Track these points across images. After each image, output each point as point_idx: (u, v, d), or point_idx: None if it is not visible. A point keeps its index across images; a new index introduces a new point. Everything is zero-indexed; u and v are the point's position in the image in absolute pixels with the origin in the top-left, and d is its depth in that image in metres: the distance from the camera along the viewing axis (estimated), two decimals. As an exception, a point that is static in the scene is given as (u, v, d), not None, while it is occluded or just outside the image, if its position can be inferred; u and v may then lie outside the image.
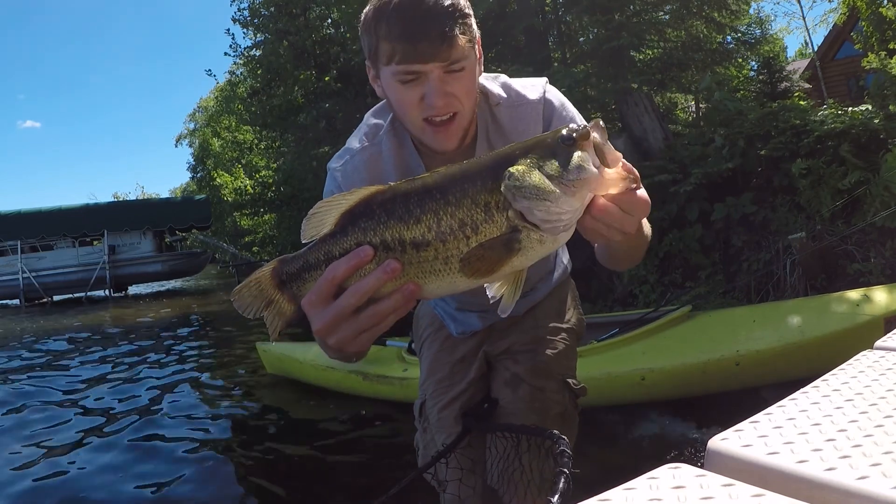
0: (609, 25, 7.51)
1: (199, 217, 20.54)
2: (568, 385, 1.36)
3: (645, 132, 6.71)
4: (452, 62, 1.00)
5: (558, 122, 1.17)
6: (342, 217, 0.73)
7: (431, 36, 0.98)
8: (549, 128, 1.15)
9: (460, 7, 1.02)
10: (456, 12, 1.00)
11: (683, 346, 3.31)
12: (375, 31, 1.02)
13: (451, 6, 1.00)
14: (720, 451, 0.68)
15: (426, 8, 0.98)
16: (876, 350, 0.95)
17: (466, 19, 1.03)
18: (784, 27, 20.47)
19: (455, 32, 0.99)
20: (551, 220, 0.68)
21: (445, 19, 0.99)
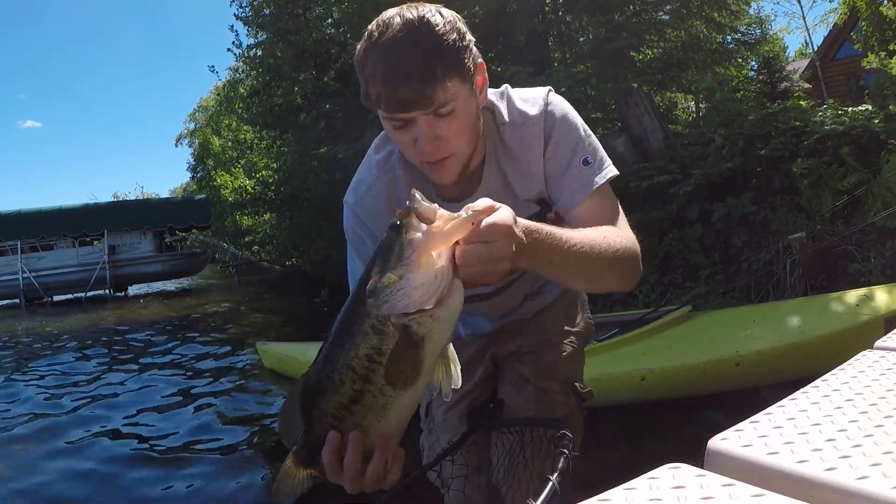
0: (609, 25, 7.51)
1: (199, 217, 20.53)
2: (574, 388, 1.35)
3: (645, 132, 6.71)
4: (439, 107, 0.97)
5: (559, 136, 1.13)
6: (302, 414, 0.82)
7: (412, 85, 0.93)
8: (549, 143, 1.13)
9: (448, 44, 0.95)
10: (442, 52, 0.94)
11: (683, 346, 3.31)
12: (363, 72, 0.98)
13: (437, 46, 0.94)
14: (720, 451, 0.68)
15: (408, 52, 0.93)
16: (876, 350, 0.95)
17: (455, 56, 0.97)
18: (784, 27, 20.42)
19: (439, 77, 0.94)
20: (418, 299, 0.71)
21: (429, 64, 0.94)
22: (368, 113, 10.26)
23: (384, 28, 0.96)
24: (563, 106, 1.16)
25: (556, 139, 1.13)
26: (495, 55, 9.18)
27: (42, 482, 3.33)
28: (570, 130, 1.14)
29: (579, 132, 1.14)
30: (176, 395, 5.12)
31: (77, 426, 4.34)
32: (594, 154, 1.14)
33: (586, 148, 1.14)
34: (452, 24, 0.98)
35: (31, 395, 5.50)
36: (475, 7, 8.14)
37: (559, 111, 1.15)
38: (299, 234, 13.75)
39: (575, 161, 1.12)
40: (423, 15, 0.96)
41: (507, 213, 0.79)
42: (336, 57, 11.00)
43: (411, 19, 0.95)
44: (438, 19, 0.96)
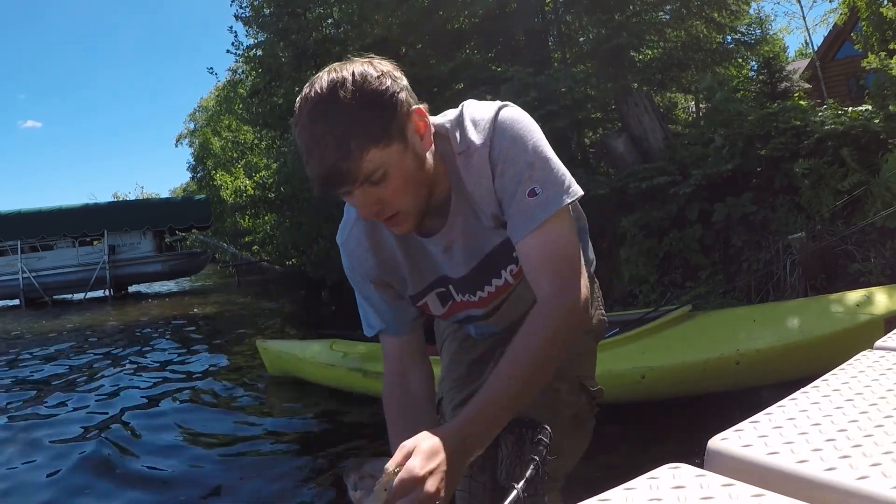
0: (609, 25, 7.52)
1: (199, 217, 20.54)
2: (583, 387, 1.32)
3: (645, 132, 6.71)
4: (367, 178, 0.94)
5: (503, 165, 1.03)
6: None
7: (331, 169, 0.92)
8: (496, 172, 1.04)
9: (361, 114, 0.92)
10: (354, 125, 0.92)
11: (683, 346, 3.31)
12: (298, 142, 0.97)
13: (349, 120, 0.91)
14: (720, 451, 0.68)
15: (320, 132, 0.92)
16: (876, 350, 0.95)
17: (371, 125, 0.93)
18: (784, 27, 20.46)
19: (355, 155, 0.92)
20: None
21: (343, 143, 0.91)
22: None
23: (303, 103, 0.95)
24: (511, 128, 1.05)
25: (502, 168, 1.04)
26: (495, 55, 9.19)
27: (41, 482, 3.33)
28: (515, 157, 1.03)
29: (526, 157, 1.03)
30: (176, 394, 5.12)
31: (76, 426, 4.34)
32: (544, 181, 1.03)
33: (533, 176, 1.02)
34: (367, 85, 0.93)
35: (31, 394, 5.50)
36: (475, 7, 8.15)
37: (506, 136, 1.04)
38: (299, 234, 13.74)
39: (520, 192, 1.02)
40: (335, 83, 0.93)
41: (416, 464, 0.80)
42: (337, 57, 10.98)
43: (321, 94, 0.93)
44: (350, 86, 0.92)
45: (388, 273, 1.18)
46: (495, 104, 1.09)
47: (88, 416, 4.63)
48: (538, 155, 1.04)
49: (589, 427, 1.35)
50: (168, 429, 4.16)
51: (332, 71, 0.96)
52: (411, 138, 0.99)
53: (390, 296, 1.21)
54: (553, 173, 1.05)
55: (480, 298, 1.23)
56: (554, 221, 1.03)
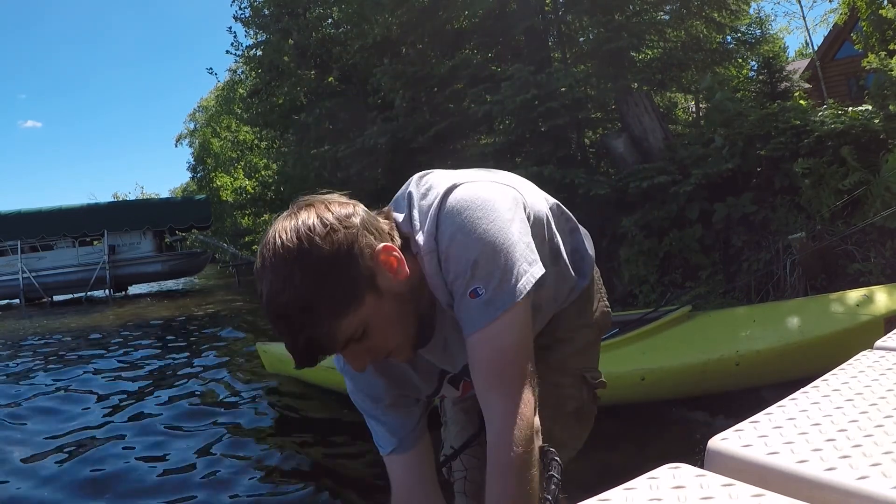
0: (609, 25, 7.52)
1: (199, 217, 20.55)
2: (585, 380, 1.32)
3: (645, 132, 6.71)
4: (346, 342, 0.92)
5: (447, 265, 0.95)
6: None
7: (301, 345, 0.91)
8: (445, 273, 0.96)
9: (325, 278, 0.87)
10: (321, 297, 0.87)
11: (683, 346, 3.31)
12: None
13: (311, 290, 0.87)
14: (720, 451, 0.68)
15: (285, 308, 0.88)
16: (876, 350, 0.95)
17: (339, 295, 0.88)
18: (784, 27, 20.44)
19: (328, 329, 0.89)
20: None
21: (312, 316, 0.88)
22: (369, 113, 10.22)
23: (261, 267, 0.89)
24: (454, 222, 0.94)
25: (446, 268, 0.96)
26: (495, 55, 9.19)
27: (40, 482, 3.33)
28: (458, 256, 0.94)
29: (468, 255, 0.93)
30: (176, 395, 5.12)
31: (74, 426, 4.34)
32: (488, 280, 0.92)
33: (477, 274, 0.92)
34: (319, 250, 0.87)
35: (31, 395, 5.50)
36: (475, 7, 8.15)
37: (447, 232, 0.94)
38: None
39: (462, 293, 0.94)
40: (288, 252, 0.87)
41: None
42: (337, 57, 11.02)
43: (276, 262, 0.87)
44: (303, 254, 0.87)
45: (402, 388, 1.16)
46: (442, 186, 0.98)
47: (88, 415, 4.63)
48: (484, 249, 0.92)
49: (590, 419, 1.35)
50: (167, 428, 4.16)
51: (282, 231, 0.89)
52: (383, 283, 0.93)
53: (401, 411, 1.17)
54: (500, 269, 0.93)
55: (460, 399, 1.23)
56: (500, 322, 0.94)
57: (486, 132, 8.76)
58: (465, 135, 8.93)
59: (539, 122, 6.92)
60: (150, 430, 4.15)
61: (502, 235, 0.94)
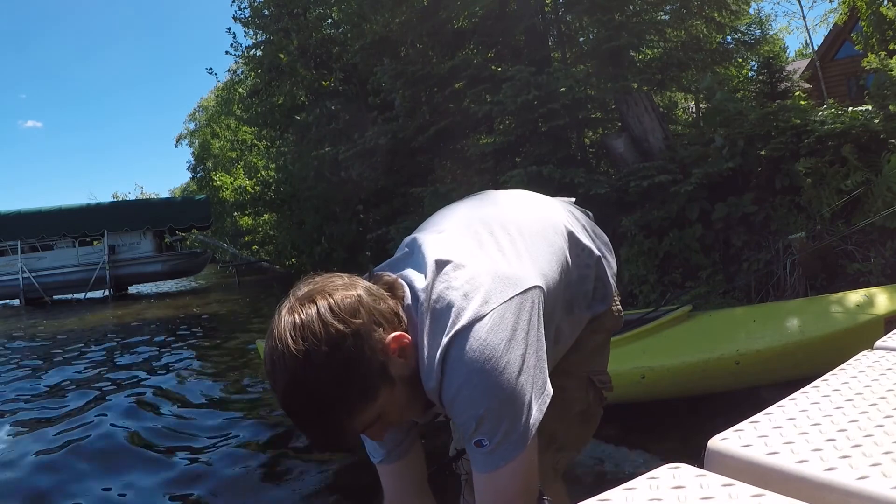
0: (609, 25, 7.51)
1: (199, 217, 20.54)
2: (592, 382, 1.32)
3: (645, 132, 6.71)
4: (364, 429, 0.94)
5: (452, 409, 0.95)
6: None
7: (324, 443, 0.95)
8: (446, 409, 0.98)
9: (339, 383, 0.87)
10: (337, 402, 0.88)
11: (683, 346, 3.31)
12: None
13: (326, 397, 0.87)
14: (720, 451, 0.68)
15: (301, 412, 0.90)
16: (876, 350, 0.95)
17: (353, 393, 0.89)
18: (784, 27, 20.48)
19: (346, 425, 0.90)
20: None
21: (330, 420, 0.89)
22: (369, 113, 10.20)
23: (271, 373, 0.90)
24: (460, 374, 0.91)
25: (450, 409, 0.96)
26: (495, 55, 9.18)
27: (40, 481, 3.33)
28: (462, 409, 0.93)
29: (474, 412, 0.91)
30: (176, 394, 5.12)
31: (75, 426, 4.33)
32: (493, 434, 0.92)
33: (481, 429, 0.92)
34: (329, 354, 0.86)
35: (31, 395, 5.50)
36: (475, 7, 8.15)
37: (453, 385, 0.92)
38: (299, 234, 13.76)
39: (468, 437, 0.95)
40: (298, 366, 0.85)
41: None
42: (337, 57, 11.02)
43: (286, 368, 0.86)
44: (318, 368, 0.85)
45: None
46: (454, 323, 0.93)
47: (87, 415, 4.63)
48: (491, 405, 0.90)
49: (595, 421, 1.35)
50: (166, 428, 4.16)
51: (288, 334, 0.87)
52: (395, 371, 0.93)
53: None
54: (506, 423, 0.91)
55: None
56: (504, 470, 0.94)
57: (486, 132, 8.76)
58: (465, 135, 8.93)
59: (539, 123, 6.92)
60: (150, 429, 4.15)
61: (510, 389, 0.91)
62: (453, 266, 0.99)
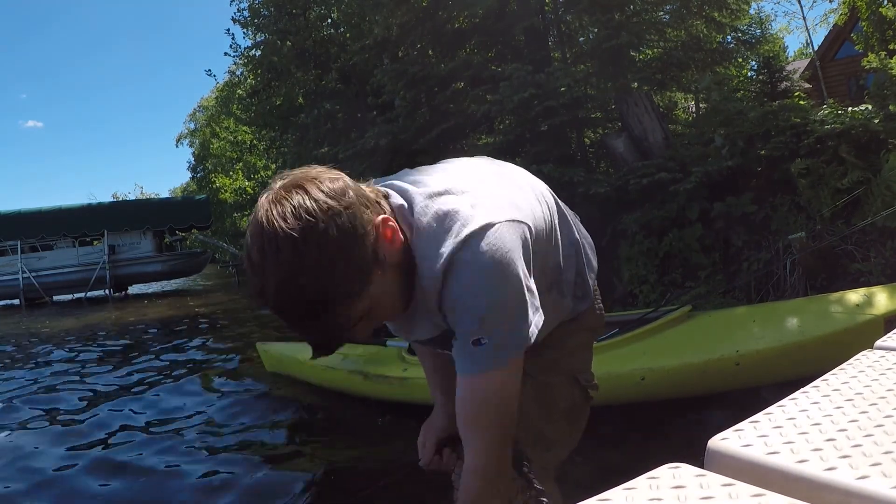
0: (609, 25, 7.51)
1: (199, 217, 20.56)
2: (577, 381, 1.31)
3: (645, 132, 6.71)
4: (355, 323, 0.91)
5: (453, 307, 0.95)
6: None
7: (317, 340, 0.91)
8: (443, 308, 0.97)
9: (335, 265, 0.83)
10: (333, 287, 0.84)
11: (683, 346, 3.31)
12: None
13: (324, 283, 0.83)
14: (720, 450, 0.68)
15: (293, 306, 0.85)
16: (876, 350, 0.95)
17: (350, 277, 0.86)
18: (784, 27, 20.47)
19: (341, 316, 0.88)
20: None
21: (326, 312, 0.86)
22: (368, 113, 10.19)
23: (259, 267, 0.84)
24: (469, 277, 0.92)
25: (451, 307, 0.95)
26: (495, 55, 9.19)
27: (38, 483, 3.32)
28: (465, 307, 0.93)
29: (478, 311, 0.93)
30: (175, 394, 5.12)
31: (74, 426, 4.34)
32: (491, 335, 0.94)
33: (483, 328, 0.93)
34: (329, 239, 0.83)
35: (31, 395, 5.50)
36: (475, 7, 8.15)
37: (461, 282, 0.92)
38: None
39: (465, 336, 0.95)
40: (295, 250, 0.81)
41: None
42: (336, 57, 11.02)
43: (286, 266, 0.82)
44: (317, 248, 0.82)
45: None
46: (463, 221, 0.93)
47: (86, 415, 4.63)
48: (493, 307, 0.93)
49: (582, 420, 1.34)
50: (166, 429, 4.16)
51: (279, 219, 0.82)
52: (384, 255, 0.90)
53: None
54: (506, 327, 0.94)
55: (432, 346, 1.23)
56: (493, 374, 0.97)
57: (486, 132, 8.76)
58: (465, 135, 8.93)
59: (539, 121, 6.92)
60: (149, 429, 4.15)
61: (513, 297, 0.94)
62: (457, 184, 1.00)
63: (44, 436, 4.16)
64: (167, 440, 3.92)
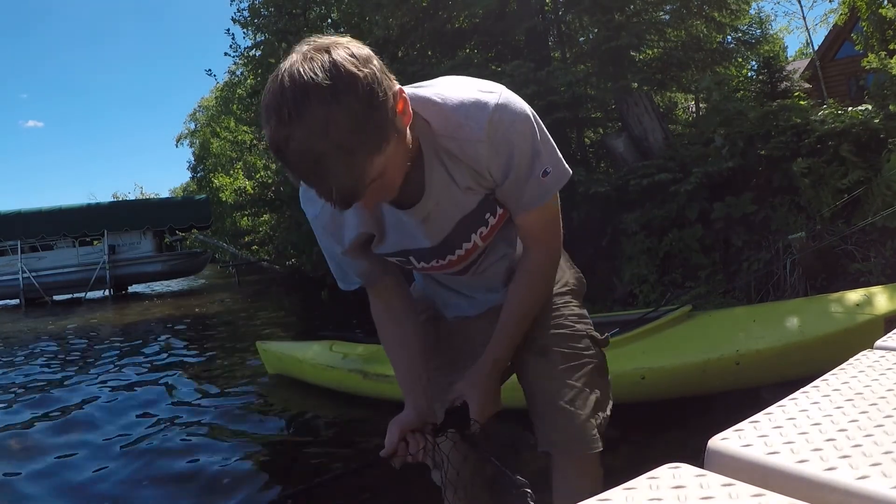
0: (609, 25, 7.52)
1: (199, 217, 20.56)
2: (594, 339, 1.41)
3: (645, 132, 6.71)
4: (370, 184, 0.92)
5: (509, 160, 1.08)
6: None
7: (340, 194, 0.90)
8: (492, 166, 1.09)
9: (364, 119, 0.86)
10: (360, 139, 0.86)
11: (683, 346, 3.31)
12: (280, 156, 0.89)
13: (351, 134, 0.85)
14: (720, 450, 0.68)
15: (323, 155, 0.85)
16: (876, 350, 0.95)
17: (375, 133, 0.88)
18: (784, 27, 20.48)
19: (364, 171, 0.89)
20: None
21: (352, 163, 0.87)
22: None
23: (286, 116, 0.84)
24: (511, 127, 1.06)
25: (507, 162, 1.08)
26: (495, 55, 9.19)
27: (38, 483, 3.33)
28: (522, 152, 1.08)
29: (534, 147, 1.09)
30: (175, 394, 5.13)
31: (74, 426, 4.34)
32: (551, 162, 1.13)
33: (543, 160, 1.11)
34: (357, 87, 0.86)
35: (31, 395, 5.50)
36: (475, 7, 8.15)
37: (507, 136, 1.06)
38: (299, 234, 13.75)
39: (535, 174, 1.11)
40: (327, 99, 0.83)
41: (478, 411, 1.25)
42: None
43: (317, 116, 0.83)
44: (348, 98, 0.84)
45: (370, 230, 1.21)
46: (484, 96, 1.06)
47: (86, 415, 4.63)
48: (541, 142, 1.11)
49: (607, 371, 1.50)
50: (166, 429, 4.15)
51: (310, 71, 0.85)
52: (399, 125, 0.95)
53: (366, 255, 1.26)
54: (556, 154, 1.14)
55: (450, 261, 1.29)
56: (555, 199, 1.19)
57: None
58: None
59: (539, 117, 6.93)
60: (149, 429, 4.15)
61: (545, 132, 1.13)
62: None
63: (42, 435, 4.16)
64: (166, 440, 3.92)
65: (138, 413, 4.59)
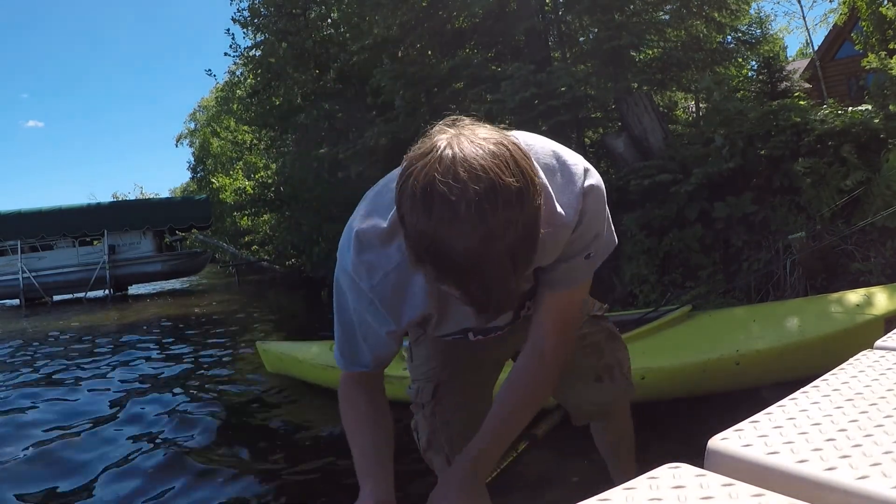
0: (609, 25, 7.51)
1: (199, 217, 20.55)
2: (595, 316, 1.59)
3: (645, 132, 6.71)
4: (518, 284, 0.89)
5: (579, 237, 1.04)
6: None
7: (496, 304, 0.85)
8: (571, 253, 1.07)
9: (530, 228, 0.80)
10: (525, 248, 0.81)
11: (683, 346, 3.31)
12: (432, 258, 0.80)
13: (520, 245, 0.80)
14: (720, 450, 0.68)
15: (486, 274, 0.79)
16: (876, 350, 0.95)
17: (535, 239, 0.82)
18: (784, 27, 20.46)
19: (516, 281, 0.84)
20: None
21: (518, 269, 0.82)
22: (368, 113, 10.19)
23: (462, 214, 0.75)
24: (595, 207, 1.03)
25: (577, 237, 1.04)
26: (495, 55, 9.18)
27: (37, 483, 3.33)
28: (590, 231, 1.05)
29: (598, 229, 1.06)
30: (176, 394, 5.12)
31: (74, 426, 4.34)
32: (598, 248, 1.09)
33: (596, 244, 1.08)
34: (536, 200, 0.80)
35: (31, 395, 5.50)
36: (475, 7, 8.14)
37: (589, 214, 1.03)
38: (299, 234, 13.76)
39: (580, 255, 1.07)
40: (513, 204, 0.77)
41: None
42: (335, 57, 11.01)
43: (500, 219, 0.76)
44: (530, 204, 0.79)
45: (432, 310, 1.11)
46: (578, 172, 1.01)
47: (86, 414, 4.63)
48: (603, 226, 1.08)
49: (618, 333, 1.71)
50: (166, 429, 4.15)
51: (492, 168, 0.76)
52: None
53: (400, 338, 1.15)
54: (606, 241, 1.11)
55: (507, 329, 1.30)
56: (587, 282, 1.16)
57: (486, 132, 8.74)
58: (465, 134, 8.91)
59: (539, 122, 6.92)
60: (148, 429, 4.15)
61: (608, 213, 1.11)
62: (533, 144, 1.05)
63: (42, 435, 4.16)
64: (166, 440, 3.92)
65: (138, 413, 4.59)
